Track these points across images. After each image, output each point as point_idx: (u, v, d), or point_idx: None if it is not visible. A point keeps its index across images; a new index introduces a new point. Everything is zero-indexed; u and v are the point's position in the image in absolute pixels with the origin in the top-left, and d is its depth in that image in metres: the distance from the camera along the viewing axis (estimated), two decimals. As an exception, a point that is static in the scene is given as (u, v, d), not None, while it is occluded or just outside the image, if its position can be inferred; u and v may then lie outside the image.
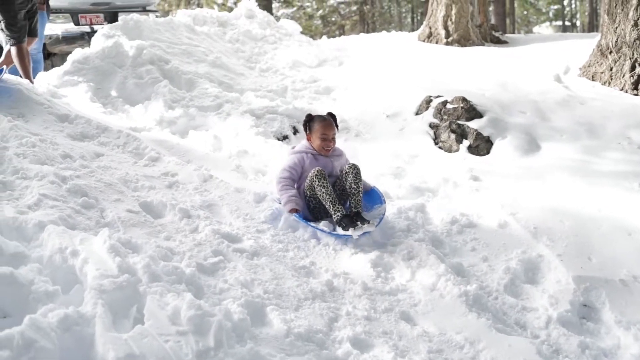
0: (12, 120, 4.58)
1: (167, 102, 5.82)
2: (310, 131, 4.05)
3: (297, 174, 3.95)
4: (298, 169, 3.95)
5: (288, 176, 3.94)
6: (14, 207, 3.25)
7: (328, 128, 3.99)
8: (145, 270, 2.74)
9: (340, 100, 6.68)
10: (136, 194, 3.91)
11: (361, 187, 3.83)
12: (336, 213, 3.69)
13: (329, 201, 3.72)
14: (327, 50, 8.84)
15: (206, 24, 8.70)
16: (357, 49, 9.40)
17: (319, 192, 3.76)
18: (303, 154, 4.00)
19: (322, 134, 3.96)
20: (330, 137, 3.99)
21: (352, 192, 3.80)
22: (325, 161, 3.99)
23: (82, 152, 4.46)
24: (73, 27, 8.78)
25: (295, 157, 4.00)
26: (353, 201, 3.80)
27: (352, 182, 3.81)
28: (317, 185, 3.75)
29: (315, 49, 8.82)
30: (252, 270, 3.21)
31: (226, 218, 3.86)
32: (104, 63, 6.43)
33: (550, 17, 39.97)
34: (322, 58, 8.33)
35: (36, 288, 2.50)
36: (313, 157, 3.99)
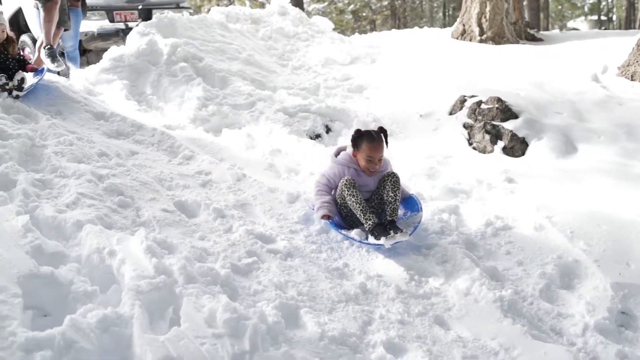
0: (51, 119, 4.66)
1: (200, 100, 5.86)
2: (358, 149, 3.80)
3: (335, 184, 3.84)
4: (337, 179, 3.82)
5: (325, 183, 3.86)
6: (52, 205, 3.31)
7: (376, 150, 3.75)
8: (181, 271, 2.77)
9: (373, 99, 6.64)
10: (171, 193, 3.95)
11: (399, 195, 3.72)
12: (367, 222, 3.58)
13: (359, 210, 3.62)
14: (359, 48, 8.80)
15: (239, 21, 8.73)
16: (390, 46, 9.34)
17: (349, 202, 3.66)
18: (345, 168, 3.82)
19: (369, 156, 3.74)
20: (377, 160, 3.76)
21: (389, 201, 3.69)
22: (367, 179, 3.82)
23: (118, 150, 4.52)
24: (108, 24, 8.88)
25: (337, 169, 3.85)
26: (389, 209, 3.69)
27: (390, 190, 3.70)
28: (347, 195, 3.66)
29: (348, 46, 8.78)
30: (286, 271, 3.21)
31: (260, 218, 3.87)
32: (139, 61, 6.49)
33: (586, 11, 39.23)
34: (355, 55, 8.29)
35: (75, 288, 2.54)
36: (355, 172, 3.81)
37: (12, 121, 4.42)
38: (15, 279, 2.43)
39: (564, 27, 35.94)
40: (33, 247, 2.73)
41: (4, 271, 2.44)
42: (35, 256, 2.68)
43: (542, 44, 9.91)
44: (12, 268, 2.48)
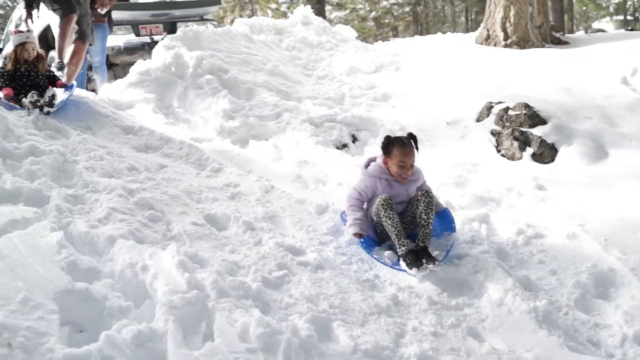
0: (81, 134, 4.73)
1: (226, 112, 5.90)
2: (389, 155, 3.73)
3: (368, 197, 3.76)
4: (369, 192, 3.74)
5: (357, 197, 3.76)
6: (85, 221, 3.35)
7: (407, 155, 3.68)
8: (213, 285, 2.78)
9: (398, 107, 6.62)
10: (200, 206, 3.97)
11: (432, 218, 3.58)
12: (401, 247, 3.46)
13: (394, 234, 3.50)
14: (383, 56, 8.78)
15: (263, 32, 8.78)
16: (413, 53, 9.30)
17: (385, 223, 3.54)
18: (377, 179, 3.74)
19: (401, 161, 3.66)
20: (409, 165, 3.69)
21: (422, 224, 3.55)
22: (400, 188, 3.74)
23: (147, 164, 4.57)
24: (134, 38, 9.01)
25: (368, 181, 3.76)
26: (421, 234, 3.55)
27: (423, 212, 3.57)
28: (383, 216, 3.54)
29: (372, 54, 8.78)
30: (317, 284, 3.21)
31: (289, 230, 3.87)
32: (165, 74, 6.56)
33: (611, 11, 38.72)
34: (379, 64, 8.28)
35: (110, 304, 2.57)
36: (387, 183, 3.73)
37: (44, 137, 4.49)
38: (51, 295, 2.45)
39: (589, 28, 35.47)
40: (68, 263, 2.76)
41: (40, 287, 2.47)
42: (70, 272, 2.70)
43: (568, 47, 9.79)
44: (48, 284, 2.51)
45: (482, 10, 32.27)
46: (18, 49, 5.22)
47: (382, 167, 3.77)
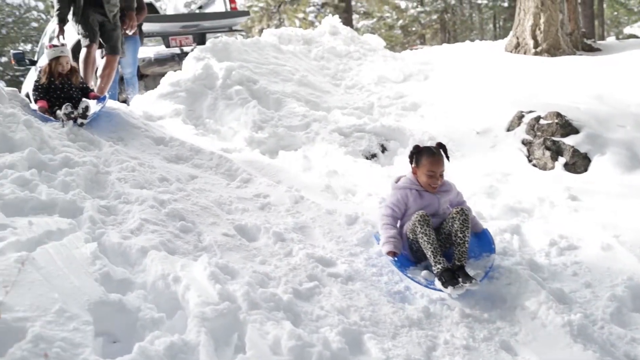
0: (113, 145, 4.79)
1: (256, 123, 5.93)
2: (417, 165, 3.69)
3: (401, 211, 3.67)
4: (401, 206, 3.66)
5: (390, 214, 3.65)
6: (118, 232, 3.38)
7: (436, 164, 3.62)
8: (245, 297, 2.79)
9: (427, 117, 6.60)
10: (231, 217, 3.99)
11: (468, 236, 3.42)
12: (437, 265, 3.33)
13: (430, 251, 3.37)
14: (411, 65, 8.76)
15: (291, 43, 8.83)
16: (442, 62, 9.26)
17: (421, 240, 3.41)
18: (407, 190, 3.67)
19: (429, 170, 3.61)
20: (438, 175, 3.62)
21: (457, 242, 3.40)
22: (431, 198, 3.65)
23: (178, 174, 4.61)
24: (164, 49, 9.13)
25: (399, 194, 3.69)
26: (457, 252, 3.40)
27: (459, 229, 3.42)
28: (419, 232, 3.41)
29: (400, 63, 8.76)
30: (348, 295, 3.20)
31: (319, 241, 3.87)
32: (195, 85, 6.63)
33: (643, 17, 38.13)
34: (407, 73, 8.26)
35: (143, 315, 2.59)
36: (418, 193, 3.66)
37: (78, 149, 4.56)
38: (86, 306, 2.48)
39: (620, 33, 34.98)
40: (102, 274, 2.79)
41: (75, 299, 2.50)
42: (104, 283, 2.73)
43: (600, 54, 9.66)
44: (83, 295, 2.54)
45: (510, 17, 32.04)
46: (52, 62, 5.32)
47: (411, 179, 3.72)
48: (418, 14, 32.65)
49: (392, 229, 3.60)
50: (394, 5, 31.37)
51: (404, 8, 32.16)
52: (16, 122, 4.42)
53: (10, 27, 28.07)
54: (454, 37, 32.80)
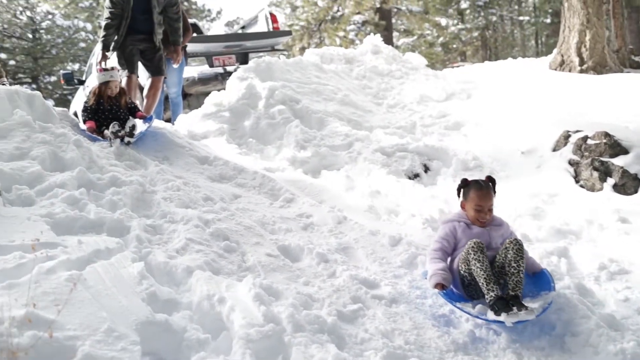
0: (159, 164, 4.86)
1: (298, 142, 5.96)
2: (465, 198, 3.61)
3: (450, 245, 3.53)
4: (450, 239, 3.53)
5: (439, 248, 3.52)
6: (164, 251, 3.42)
7: (484, 198, 3.52)
8: (289, 319, 2.79)
9: (471, 136, 6.53)
10: (274, 237, 4.00)
11: (522, 266, 3.25)
12: (489, 293, 3.16)
13: (483, 277, 3.20)
14: (453, 83, 8.70)
15: (333, 62, 8.87)
16: (484, 80, 9.17)
17: (474, 267, 3.25)
18: (455, 223, 3.57)
19: (477, 204, 3.51)
20: (486, 209, 3.52)
21: (511, 272, 3.24)
22: (480, 232, 3.50)
23: (222, 194, 4.65)
24: (208, 69, 9.27)
25: (447, 227, 3.59)
26: (511, 282, 3.23)
27: (512, 259, 3.25)
28: (472, 259, 3.26)
29: (442, 82, 8.71)
30: (392, 318, 3.17)
31: (362, 262, 3.85)
32: (239, 105, 6.69)
33: (692, 33, 37.19)
34: (450, 91, 8.21)
35: (189, 335, 2.61)
36: (466, 225, 3.54)
37: (125, 168, 4.64)
38: (133, 326, 2.51)
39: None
40: (148, 294, 2.82)
41: (123, 318, 2.53)
42: (151, 303, 2.76)
43: (648, 71, 9.46)
44: (131, 315, 2.57)
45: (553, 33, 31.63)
46: (102, 86, 5.44)
47: (459, 212, 3.64)
48: (459, 31, 32.51)
49: (441, 262, 3.46)
50: (435, 23, 31.29)
51: (444, 25, 32.06)
52: (67, 142, 4.53)
53: (59, 47, 28.88)
54: (495, 54, 32.51)
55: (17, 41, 28.06)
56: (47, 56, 28.58)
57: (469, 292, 3.42)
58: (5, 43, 27.29)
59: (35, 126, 4.56)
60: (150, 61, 6.53)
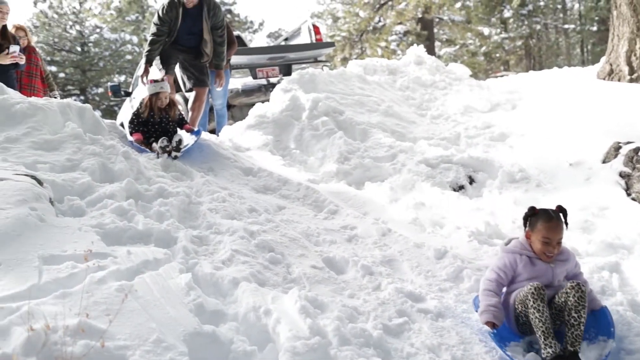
0: (204, 176, 4.93)
1: (342, 153, 5.95)
2: (531, 229, 3.31)
3: (507, 277, 3.31)
4: (509, 272, 3.30)
5: (495, 279, 3.30)
6: (210, 262, 3.46)
7: (553, 231, 3.24)
8: (335, 332, 2.78)
9: (517, 148, 6.42)
10: (319, 249, 4.00)
11: (584, 316, 2.99)
12: (547, 349, 2.93)
13: (540, 330, 2.96)
14: (498, 94, 8.59)
15: (376, 73, 8.86)
16: (530, 90, 9.02)
17: (532, 315, 3.03)
18: (517, 255, 3.31)
19: (545, 237, 3.23)
20: (555, 243, 3.24)
21: (571, 323, 2.98)
22: (545, 268, 3.27)
23: (266, 205, 4.68)
24: (251, 80, 9.35)
25: (507, 258, 3.34)
26: (570, 335, 2.97)
27: (573, 308, 3.00)
28: (531, 306, 3.04)
29: (487, 92, 8.61)
30: (438, 333, 3.14)
31: (407, 275, 3.83)
32: (282, 116, 6.73)
33: None
34: (494, 102, 8.10)
35: (235, 347, 2.62)
36: (529, 260, 3.29)
37: (171, 179, 4.72)
38: (181, 337, 2.54)
39: None
40: (196, 305, 2.85)
41: (171, 329, 2.56)
42: (198, 314, 2.79)
43: (701, 81, 9.16)
44: (179, 326, 2.60)
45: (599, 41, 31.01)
46: (153, 98, 5.53)
47: (523, 243, 3.36)
48: (502, 40, 32.19)
49: (494, 297, 3.24)
50: (477, 32, 31.05)
51: (487, 34, 31.78)
52: (115, 153, 4.64)
53: (106, 60, 29.65)
54: (539, 63, 32.07)
55: (67, 54, 28.92)
56: (94, 68, 29.37)
57: (523, 329, 3.24)
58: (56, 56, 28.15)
59: (86, 138, 4.68)
60: (192, 71, 6.63)
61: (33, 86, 7.30)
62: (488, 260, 4.11)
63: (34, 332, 2.17)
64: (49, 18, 28.92)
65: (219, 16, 6.39)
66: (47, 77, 7.75)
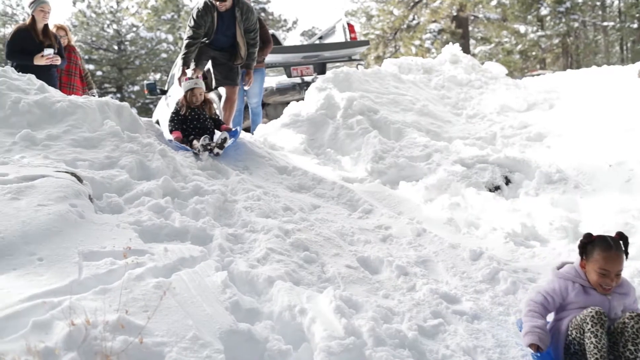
0: (240, 174, 4.96)
1: (377, 153, 5.93)
2: (587, 257, 2.99)
3: (555, 304, 3.02)
4: (557, 298, 3.01)
5: (541, 301, 3.01)
6: (245, 260, 3.48)
7: (612, 262, 2.90)
8: (370, 333, 2.77)
9: (554, 148, 6.32)
10: (353, 248, 3.99)
11: None
12: None
13: (594, 358, 2.68)
14: (535, 93, 8.48)
15: (411, 72, 8.82)
16: (568, 89, 8.89)
17: (588, 341, 2.73)
18: (569, 282, 3.01)
19: (602, 268, 2.90)
20: (613, 275, 2.90)
21: (626, 355, 2.72)
22: (599, 300, 2.93)
23: (301, 204, 4.69)
24: (286, 79, 9.36)
25: (558, 283, 3.04)
26: None
27: (630, 340, 2.72)
28: (589, 331, 2.73)
29: (523, 91, 8.51)
30: (474, 335, 3.10)
31: (442, 276, 3.80)
32: (317, 115, 6.74)
33: None
34: (531, 101, 8.00)
35: (270, 346, 2.63)
36: (582, 289, 2.99)
37: (207, 177, 4.76)
38: (217, 334, 2.56)
39: None
40: (232, 303, 2.87)
41: (208, 326, 2.58)
42: (234, 312, 2.81)
43: None
44: (215, 324, 2.62)
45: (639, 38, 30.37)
46: (187, 94, 5.60)
47: (578, 271, 3.04)
48: (538, 38, 31.74)
49: (540, 319, 2.97)
50: (513, 30, 30.68)
51: (523, 32, 31.37)
52: (152, 151, 4.69)
53: (142, 58, 30.03)
54: (576, 61, 31.51)
55: (104, 53, 29.39)
56: (130, 67, 29.78)
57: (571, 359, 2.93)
58: (94, 55, 28.63)
59: (124, 136, 4.75)
60: (221, 70, 6.64)
61: (72, 84, 7.44)
62: (524, 263, 4.06)
63: (75, 326, 2.21)
64: (87, 17, 29.41)
65: (252, 20, 6.39)
66: (86, 76, 7.88)
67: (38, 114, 4.67)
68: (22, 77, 5.11)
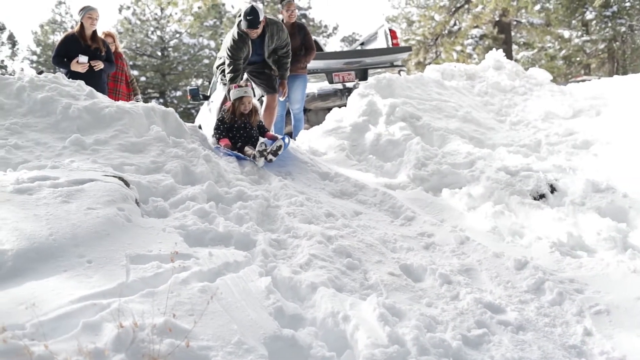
0: (282, 180, 4.98)
1: (419, 159, 5.88)
2: None
3: None
4: None
5: None
6: (288, 266, 3.49)
7: None
8: (414, 342, 2.76)
9: (602, 156, 6.18)
10: (396, 256, 3.97)
11: None
12: None
13: None
14: (581, 99, 8.31)
15: (454, 78, 8.73)
16: (616, 95, 8.66)
17: None
18: None
19: None
20: None
21: None
22: None
23: (343, 210, 4.69)
24: (327, 85, 9.38)
25: None
26: None
27: None
28: None
29: (569, 98, 8.35)
30: (519, 346, 3.06)
31: (486, 285, 3.75)
32: (359, 121, 6.73)
33: None
34: (577, 108, 7.85)
35: (314, 352, 2.64)
36: None
37: (250, 182, 4.80)
38: (261, 339, 2.58)
39: None
40: (275, 309, 2.89)
41: (252, 331, 2.61)
42: (278, 318, 2.83)
43: None
44: (259, 329, 2.64)
45: (691, 44, 29.53)
46: (236, 102, 5.64)
47: None
48: (583, 43, 31.07)
49: None
50: (557, 35, 30.13)
51: (567, 37, 30.78)
52: (197, 156, 4.76)
53: (185, 64, 30.53)
54: (622, 67, 30.75)
55: (148, 59, 29.97)
56: (173, 72, 30.29)
57: None
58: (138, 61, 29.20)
59: (169, 141, 4.83)
60: (261, 79, 6.80)
61: (118, 90, 7.61)
62: (571, 273, 3.98)
63: (123, 329, 2.25)
64: (132, 24, 30.07)
65: (282, 37, 6.63)
66: (132, 82, 8.05)
67: (87, 119, 4.78)
68: (72, 83, 5.25)
